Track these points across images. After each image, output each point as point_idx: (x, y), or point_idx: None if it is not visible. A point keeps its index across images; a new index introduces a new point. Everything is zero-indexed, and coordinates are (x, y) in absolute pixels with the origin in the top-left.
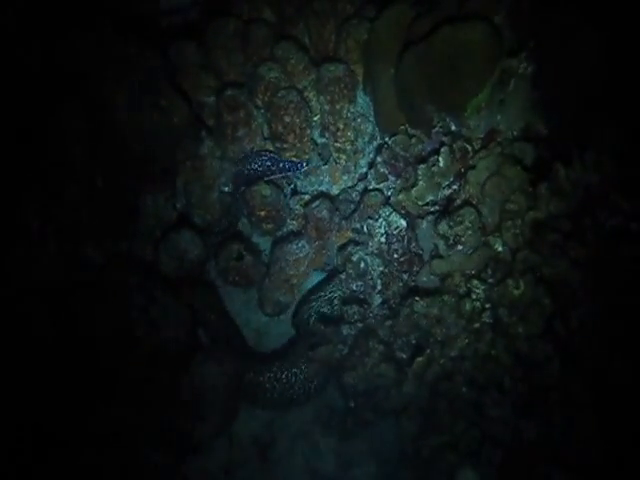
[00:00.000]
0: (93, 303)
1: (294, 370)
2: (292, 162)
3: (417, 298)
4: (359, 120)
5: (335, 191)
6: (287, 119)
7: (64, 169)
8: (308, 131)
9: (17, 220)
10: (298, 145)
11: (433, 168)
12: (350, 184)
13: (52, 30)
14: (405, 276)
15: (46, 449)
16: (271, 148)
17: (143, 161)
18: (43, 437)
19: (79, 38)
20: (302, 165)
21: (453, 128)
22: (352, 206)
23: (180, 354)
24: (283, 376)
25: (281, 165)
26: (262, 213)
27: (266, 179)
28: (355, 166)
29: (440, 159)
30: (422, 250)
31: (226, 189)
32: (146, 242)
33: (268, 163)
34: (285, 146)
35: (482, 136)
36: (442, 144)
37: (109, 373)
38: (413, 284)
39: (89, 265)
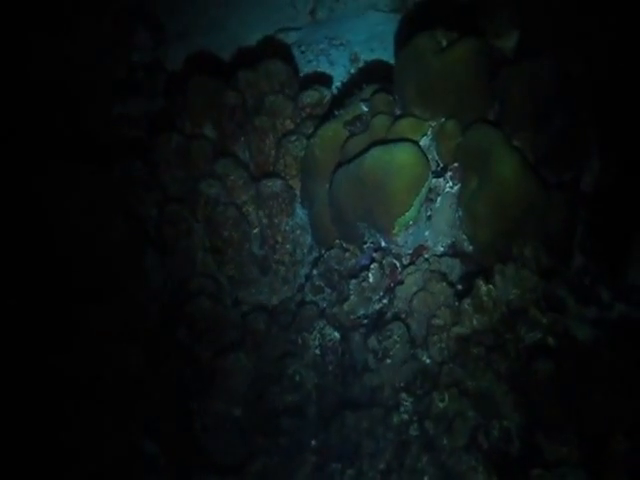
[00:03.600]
0: (30, 417)
1: None
2: None
3: (347, 411)
4: (298, 232)
5: (275, 301)
6: (225, 234)
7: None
8: (247, 245)
9: None
10: (237, 258)
11: (363, 283)
12: (289, 294)
13: None
14: (339, 387)
15: None
16: (211, 261)
17: (84, 275)
18: None
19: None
20: None
21: (383, 244)
22: (290, 317)
23: (124, 465)
24: None
25: None
26: (201, 325)
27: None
28: (294, 277)
29: (370, 275)
30: (356, 361)
31: (168, 301)
32: (88, 355)
33: None
34: (224, 259)
35: (410, 252)
36: (372, 260)
37: None
38: (348, 395)
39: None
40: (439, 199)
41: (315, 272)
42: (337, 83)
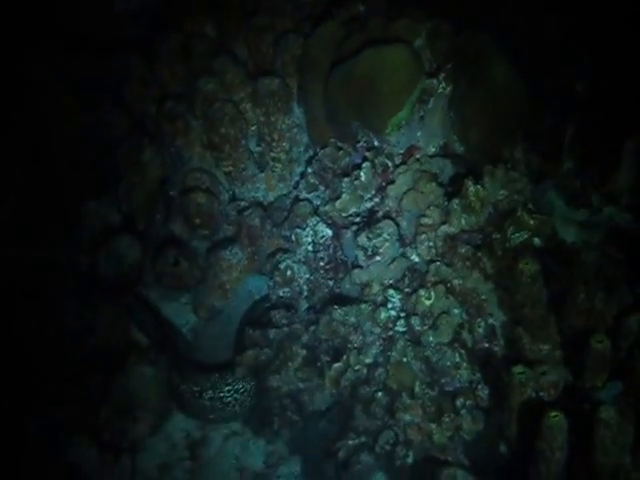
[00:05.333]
0: (28, 305)
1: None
2: None
3: (336, 306)
4: (295, 130)
5: (271, 198)
6: (222, 130)
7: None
8: (243, 141)
9: None
10: (234, 155)
11: (355, 181)
12: (285, 191)
13: None
14: (330, 283)
15: None
16: (209, 157)
17: (85, 168)
18: None
19: (23, 50)
20: None
21: (376, 144)
22: (285, 214)
23: (115, 355)
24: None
25: None
26: (197, 220)
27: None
28: (290, 174)
29: (362, 173)
30: (347, 258)
31: (168, 194)
32: (88, 246)
33: None
34: (221, 155)
35: (402, 152)
36: (365, 159)
37: (44, 374)
38: (338, 291)
39: (26, 268)
40: (432, 100)
41: (310, 170)
42: None
